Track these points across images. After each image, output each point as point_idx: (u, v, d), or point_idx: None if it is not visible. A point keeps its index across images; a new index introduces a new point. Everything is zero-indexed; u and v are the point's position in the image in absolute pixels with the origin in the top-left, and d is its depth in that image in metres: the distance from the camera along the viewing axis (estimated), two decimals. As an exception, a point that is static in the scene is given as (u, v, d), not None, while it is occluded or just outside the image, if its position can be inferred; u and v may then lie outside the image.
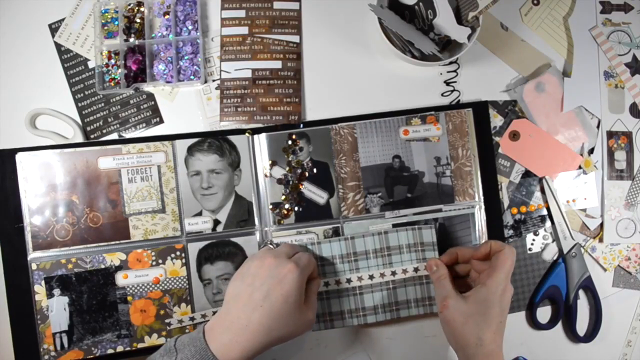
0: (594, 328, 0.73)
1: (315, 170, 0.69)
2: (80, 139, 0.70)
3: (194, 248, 0.67)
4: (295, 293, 0.57)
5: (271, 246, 0.63)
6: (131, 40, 0.71)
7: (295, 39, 0.73)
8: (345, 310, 0.67)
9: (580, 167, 0.73)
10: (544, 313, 0.73)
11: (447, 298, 0.60)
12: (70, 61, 0.72)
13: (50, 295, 0.65)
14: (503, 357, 0.58)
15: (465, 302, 0.58)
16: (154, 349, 0.65)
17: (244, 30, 0.72)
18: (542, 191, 0.73)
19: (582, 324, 0.74)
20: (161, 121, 0.72)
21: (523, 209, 0.73)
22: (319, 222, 0.69)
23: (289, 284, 0.56)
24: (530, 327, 0.73)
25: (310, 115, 0.72)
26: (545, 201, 0.73)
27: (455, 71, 0.74)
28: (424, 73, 0.74)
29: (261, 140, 0.69)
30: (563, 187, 0.73)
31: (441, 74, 0.74)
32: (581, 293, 0.74)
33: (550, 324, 0.72)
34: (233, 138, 0.69)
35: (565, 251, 0.72)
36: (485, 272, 0.60)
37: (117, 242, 0.66)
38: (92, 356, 0.65)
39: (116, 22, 0.72)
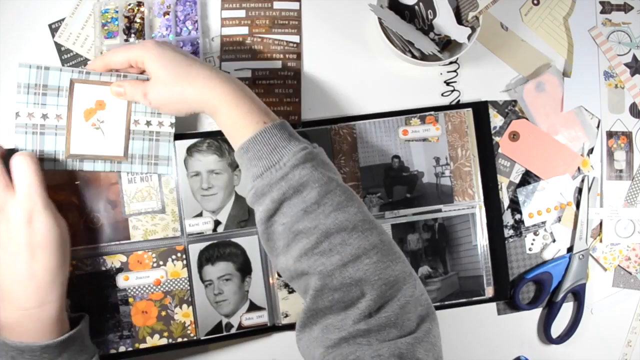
0: (567, 334, 0.73)
1: (315, 171, 0.69)
2: (80, 139, 0.70)
3: (194, 249, 0.67)
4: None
5: None
6: (131, 40, 0.71)
7: (295, 39, 0.73)
8: (59, 150, 0.62)
9: (578, 168, 0.74)
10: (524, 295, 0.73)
11: None
12: (70, 61, 0.72)
13: (51, 295, 0.65)
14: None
15: None
16: (156, 349, 0.66)
17: (244, 30, 0.72)
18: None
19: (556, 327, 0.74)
20: (161, 121, 0.72)
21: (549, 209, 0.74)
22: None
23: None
24: (509, 307, 0.73)
25: (310, 115, 0.72)
26: (565, 202, 0.73)
27: (455, 71, 0.74)
28: (424, 73, 0.73)
29: (261, 140, 0.69)
30: (562, 187, 0.74)
31: (441, 74, 0.74)
32: (569, 297, 0.73)
33: (529, 306, 0.72)
34: (233, 138, 0.68)
35: (575, 251, 0.72)
36: None
37: (117, 242, 0.66)
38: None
39: (116, 22, 0.72)
